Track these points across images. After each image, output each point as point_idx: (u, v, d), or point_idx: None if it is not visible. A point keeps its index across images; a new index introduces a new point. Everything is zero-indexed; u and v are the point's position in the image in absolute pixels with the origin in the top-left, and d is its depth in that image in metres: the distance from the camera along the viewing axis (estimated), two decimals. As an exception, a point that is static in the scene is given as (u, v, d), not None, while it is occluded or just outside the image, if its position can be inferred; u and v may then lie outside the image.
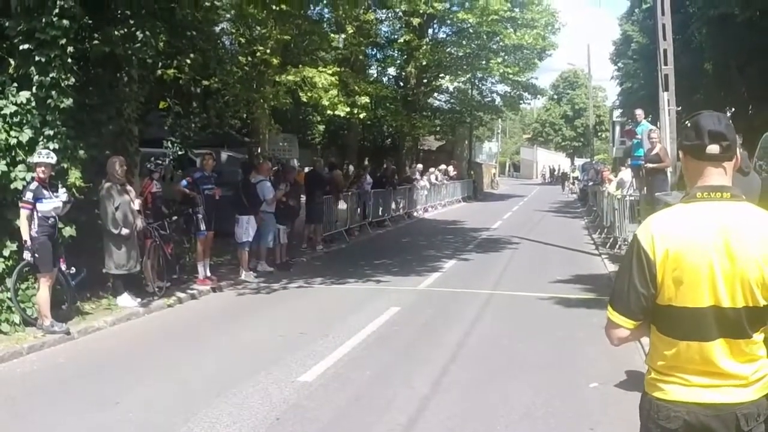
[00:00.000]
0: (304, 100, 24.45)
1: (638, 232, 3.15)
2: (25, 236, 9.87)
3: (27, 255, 9.96)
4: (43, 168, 9.93)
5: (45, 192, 9.95)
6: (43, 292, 9.97)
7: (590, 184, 35.60)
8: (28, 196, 9.84)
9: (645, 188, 16.87)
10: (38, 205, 9.90)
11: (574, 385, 8.18)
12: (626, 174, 20.71)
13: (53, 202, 10.07)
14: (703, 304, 3.03)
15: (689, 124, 3.17)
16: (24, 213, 9.85)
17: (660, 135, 16.84)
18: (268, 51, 22.02)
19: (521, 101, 49.41)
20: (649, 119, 19.57)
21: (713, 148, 3.08)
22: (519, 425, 6.92)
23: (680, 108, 21.10)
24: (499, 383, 8.26)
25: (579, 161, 72.14)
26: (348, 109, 25.31)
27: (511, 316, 12.08)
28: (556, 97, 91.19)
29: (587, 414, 7.24)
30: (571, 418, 7.12)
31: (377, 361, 9.20)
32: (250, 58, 22.06)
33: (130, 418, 7.08)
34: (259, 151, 23.44)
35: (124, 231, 11.52)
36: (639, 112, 18.77)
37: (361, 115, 27.03)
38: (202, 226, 13.96)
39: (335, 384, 8.22)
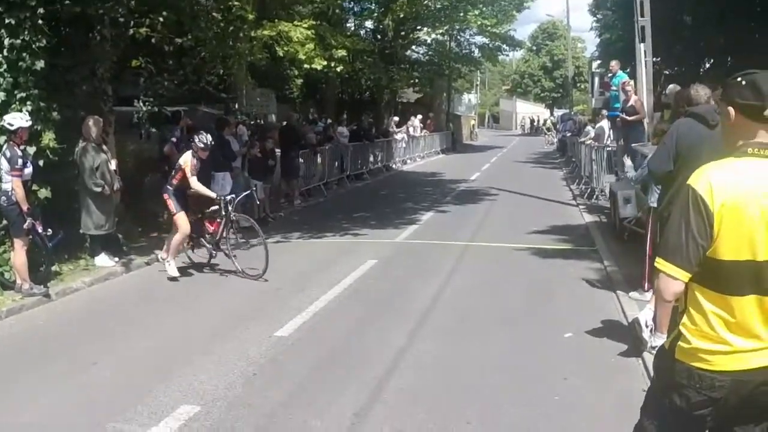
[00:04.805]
0: (281, 54, 24.31)
1: (694, 183, 3.09)
2: (25, 205, 9.75)
3: (31, 224, 9.87)
4: (23, 132, 9.88)
5: (24, 157, 9.89)
6: (20, 256, 9.93)
7: (568, 134, 35.68)
8: (20, 163, 9.69)
9: (622, 139, 17.00)
10: (24, 171, 9.84)
11: (549, 335, 8.30)
12: (604, 124, 20.84)
13: (30, 166, 10.03)
14: (758, 258, 3.03)
15: (744, 83, 3.10)
16: (18, 181, 9.67)
17: (634, 86, 16.95)
18: (244, 7, 21.79)
19: (500, 53, 49.31)
20: (627, 71, 19.64)
21: None
22: (492, 375, 7.06)
23: (659, 59, 20.94)
24: (474, 334, 8.40)
25: (558, 112, 72.05)
26: (325, 63, 25.14)
27: (487, 267, 12.22)
28: (534, 48, 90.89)
29: (561, 364, 7.35)
30: (544, 368, 7.26)
31: (353, 315, 9.35)
32: (225, 14, 21.81)
33: (108, 378, 7.14)
34: (236, 106, 23.35)
35: (106, 189, 11.55)
36: (614, 64, 18.89)
37: (339, 69, 26.78)
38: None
39: (311, 338, 8.36)
